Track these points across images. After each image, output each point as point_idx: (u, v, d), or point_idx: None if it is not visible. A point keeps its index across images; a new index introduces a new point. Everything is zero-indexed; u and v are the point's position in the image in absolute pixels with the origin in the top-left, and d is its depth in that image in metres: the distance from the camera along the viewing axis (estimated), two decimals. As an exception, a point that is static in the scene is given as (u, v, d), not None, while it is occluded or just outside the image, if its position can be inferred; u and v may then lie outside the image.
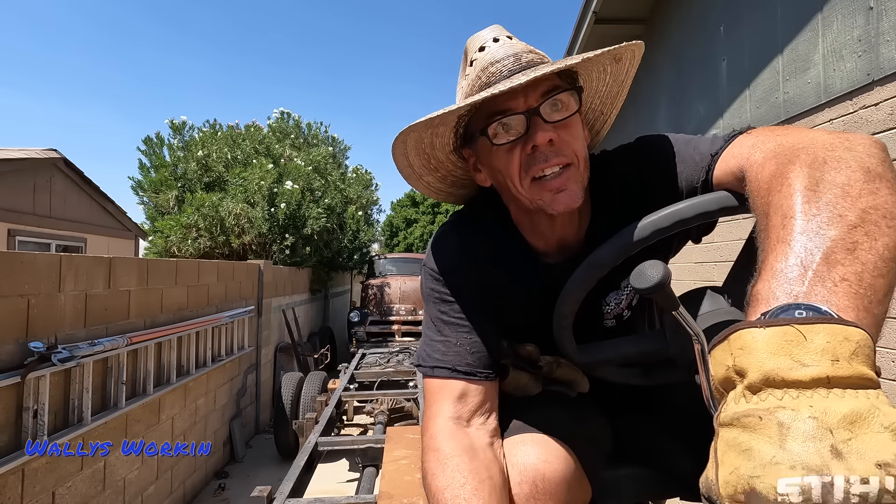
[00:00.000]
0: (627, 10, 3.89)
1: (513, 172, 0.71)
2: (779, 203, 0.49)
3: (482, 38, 0.75)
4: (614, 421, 0.95)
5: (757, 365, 0.35)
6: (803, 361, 0.34)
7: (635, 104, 4.18)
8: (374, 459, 2.62)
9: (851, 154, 0.50)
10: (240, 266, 4.36)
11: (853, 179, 0.47)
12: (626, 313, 0.88)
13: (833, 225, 0.44)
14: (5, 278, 1.79)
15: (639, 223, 0.67)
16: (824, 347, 0.34)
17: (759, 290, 0.43)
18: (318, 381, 4.26)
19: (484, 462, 0.71)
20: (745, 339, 0.37)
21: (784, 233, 0.45)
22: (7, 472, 1.72)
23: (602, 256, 0.69)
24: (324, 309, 8.17)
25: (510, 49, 0.72)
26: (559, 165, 0.69)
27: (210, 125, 7.43)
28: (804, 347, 0.35)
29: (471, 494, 0.66)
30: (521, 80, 0.64)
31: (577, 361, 0.81)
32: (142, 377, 2.63)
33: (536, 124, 0.68)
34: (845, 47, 2.09)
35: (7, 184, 7.25)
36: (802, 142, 0.54)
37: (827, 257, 0.42)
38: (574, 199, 0.71)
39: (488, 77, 0.71)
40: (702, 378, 0.54)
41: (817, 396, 0.33)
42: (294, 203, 6.23)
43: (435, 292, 0.82)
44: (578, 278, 0.71)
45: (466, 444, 0.72)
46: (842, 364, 0.34)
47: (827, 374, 0.33)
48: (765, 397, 0.34)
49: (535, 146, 0.69)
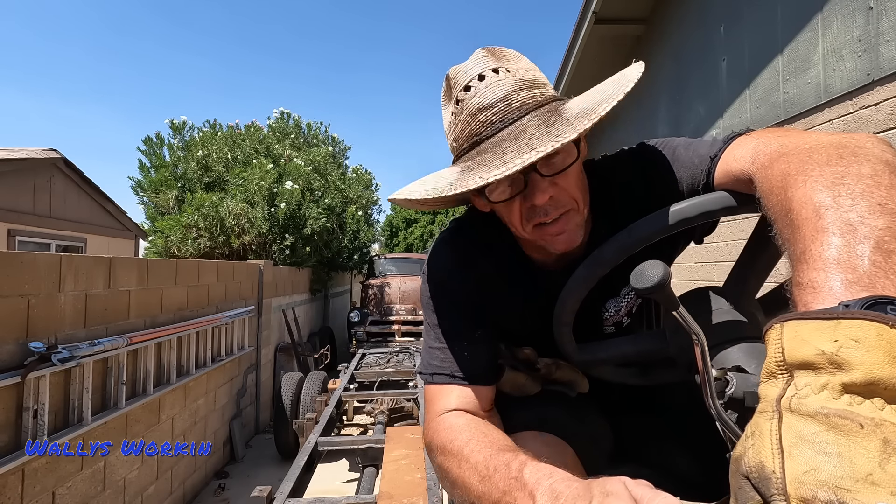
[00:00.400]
0: (627, 9, 3.89)
1: (514, 221, 0.70)
2: (805, 196, 0.46)
3: (467, 73, 0.69)
4: (614, 421, 0.95)
5: (870, 365, 0.31)
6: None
7: (635, 104, 4.18)
8: (374, 459, 2.62)
9: (866, 150, 0.48)
10: (240, 266, 4.36)
11: (879, 171, 0.44)
12: (625, 320, 0.87)
13: (875, 214, 0.41)
14: (5, 278, 1.79)
15: (640, 222, 0.67)
16: None
17: (815, 279, 0.39)
18: (318, 381, 4.26)
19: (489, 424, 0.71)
20: (868, 332, 0.32)
21: (822, 222, 0.42)
22: (7, 472, 1.72)
23: (603, 255, 0.69)
24: (324, 309, 8.17)
25: (499, 90, 0.66)
26: (560, 215, 0.68)
27: (210, 125, 7.44)
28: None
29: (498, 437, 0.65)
30: (516, 165, 0.58)
31: (576, 360, 0.81)
32: (142, 377, 2.63)
33: (534, 182, 0.65)
34: (845, 47, 2.09)
35: (7, 184, 7.25)
36: (808, 142, 0.53)
37: (879, 246, 0.39)
38: (574, 239, 0.70)
39: (479, 127, 0.67)
40: (702, 378, 0.54)
41: None
42: (294, 203, 6.24)
43: (434, 301, 0.81)
44: (580, 276, 0.71)
45: (467, 419, 0.72)
46: None
47: None
48: (860, 402, 0.30)
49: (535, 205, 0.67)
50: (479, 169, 0.62)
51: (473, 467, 0.61)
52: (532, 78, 0.69)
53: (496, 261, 0.81)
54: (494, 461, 0.59)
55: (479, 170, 0.62)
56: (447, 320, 0.80)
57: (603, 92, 0.65)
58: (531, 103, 0.66)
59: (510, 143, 0.62)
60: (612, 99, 0.60)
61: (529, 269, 0.81)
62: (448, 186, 0.64)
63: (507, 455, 0.58)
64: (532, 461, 0.56)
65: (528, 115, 0.65)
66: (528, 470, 0.54)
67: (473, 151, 0.67)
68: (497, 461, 0.58)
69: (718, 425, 0.53)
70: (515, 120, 0.65)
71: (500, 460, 0.58)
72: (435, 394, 0.78)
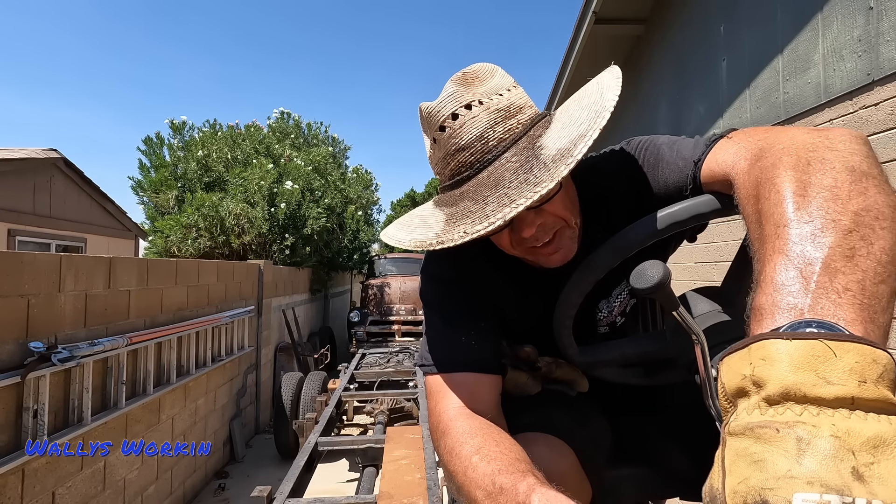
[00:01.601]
0: (627, 9, 3.89)
1: (504, 245, 0.73)
2: (769, 211, 0.48)
3: (440, 113, 0.68)
4: (615, 421, 0.95)
5: (779, 377, 0.34)
6: (829, 379, 0.33)
7: (635, 104, 4.19)
8: (374, 459, 2.62)
9: (835, 154, 0.49)
10: (240, 266, 4.36)
11: (840, 181, 0.46)
12: (619, 320, 0.88)
13: (827, 231, 0.43)
14: (5, 278, 1.79)
15: (633, 226, 0.67)
16: (852, 367, 0.33)
17: (763, 304, 0.42)
18: (318, 381, 4.26)
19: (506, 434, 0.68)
20: (769, 349, 0.36)
21: (779, 242, 0.45)
22: (7, 472, 1.72)
23: (598, 259, 0.70)
24: (324, 309, 8.17)
25: (473, 129, 0.66)
26: (550, 236, 0.70)
27: (210, 125, 7.44)
28: (831, 365, 0.33)
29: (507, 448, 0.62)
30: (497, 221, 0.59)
31: (578, 362, 0.82)
32: (142, 377, 2.63)
33: (520, 216, 0.63)
34: (845, 47, 2.09)
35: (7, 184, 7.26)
36: (783, 142, 0.53)
37: (826, 266, 0.41)
38: (568, 254, 0.72)
39: (458, 167, 0.67)
40: (702, 378, 0.54)
41: (839, 416, 0.32)
42: (294, 203, 6.24)
43: (433, 295, 0.82)
44: (576, 281, 0.72)
45: (479, 422, 0.69)
46: (868, 386, 0.33)
47: (852, 395, 0.32)
48: (782, 411, 0.33)
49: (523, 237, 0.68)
50: (463, 221, 0.63)
51: (480, 480, 0.59)
52: (507, 105, 0.68)
53: (492, 258, 0.81)
54: (501, 479, 0.57)
55: (462, 221, 0.63)
56: (449, 312, 0.79)
57: (578, 124, 0.64)
58: (508, 138, 0.66)
59: (490, 193, 0.63)
60: (587, 137, 0.60)
61: (524, 268, 0.81)
62: (435, 239, 0.64)
63: (515, 476, 0.56)
64: (540, 487, 0.54)
65: (507, 152, 0.65)
66: (536, 499, 0.52)
67: (456, 191, 0.68)
68: (504, 480, 0.56)
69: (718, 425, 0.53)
70: (493, 160, 0.65)
71: (507, 480, 0.56)
72: (439, 386, 0.76)
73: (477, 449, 0.62)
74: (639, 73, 4.13)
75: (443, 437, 0.70)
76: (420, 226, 0.71)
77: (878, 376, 0.33)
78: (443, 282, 0.81)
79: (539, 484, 0.54)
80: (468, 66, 0.74)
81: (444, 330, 0.78)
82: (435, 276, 0.82)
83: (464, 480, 0.62)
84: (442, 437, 0.70)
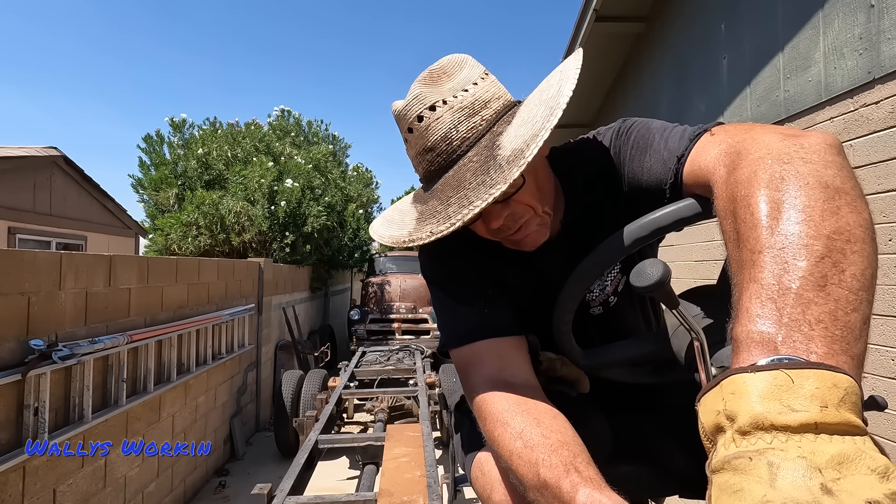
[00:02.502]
0: (628, 7, 3.88)
1: (481, 234, 0.77)
2: (745, 235, 0.49)
3: (406, 116, 0.72)
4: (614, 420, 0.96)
5: (747, 409, 0.36)
6: (793, 406, 0.35)
7: (636, 102, 4.18)
8: (374, 457, 2.62)
9: (808, 167, 0.49)
10: (240, 264, 4.36)
11: (813, 199, 0.47)
12: (612, 299, 0.89)
13: (800, 257, 0.44)
14: (6, 276, 1.79)
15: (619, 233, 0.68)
16: (813, 393, 0.35)
17: (738, 335, 0.44)
18: (318, 378, 4.26)
19: (544, 404, 0.67)
20: (737, 384, 0.38)
21: (755, 271, 0.46)
22: (8, 470, 1.72)
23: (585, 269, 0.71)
24: (324, 307, 8.17)
25: (437, 130, 0.70)
26: (519, 225, 0.73)
27: (210, 123, 7.43)
28: (794, 393, 0.35)
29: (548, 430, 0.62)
30: (457, 223, 0.65)
31: (581, 365, 0.82)
32: (142, 375, 2.63)
33: (488, 211, 0.70)
34: (846, 45, 2.08)
35: (7, 182, 7.25)
36: (759, 150, 0.53)
37: (799, 297, 0.42)
38: (539, 238, 0.75)
39: (427, 166, 0.73)
40: (702, 376, 0.54)
41: (805, 440, 0.34)
42: (294, 201, 6.23)
43: (436, 274, 0.84)
44: (569, 290, 0.73)
45: (521, 396, 0.68)
46: (830, 410, 0.34)
47: (815, 420, 0.34)
48: (754, 441, 0.35)
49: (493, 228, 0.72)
50: (430, 221, 0.69)
51: (524, 471, 0.59)
52: (471, 102, 0.70)
53: (481, 242, 0.82)
54: (545, 473, 0.57)
55: (429, 221, 0.69)
56: (453, 288, 0.81)
57: (533, 122, 0.66)
58: (471, 137, 0.70)
59: (453, 194, 0.68)
60: (538, 137, 0.63)
61: (516, 253, 0.83)
62: (407, 236, 0.72)
63: (558, 470, 0.56)
64: (584, 487, 0.54)
65: (470, 151, 0.69)
66: (581, 497, 0.53)
67: (428, 187, 0.74)
68: (547, 474, 0.57)
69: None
70: (458, 159, 0.70)
71: (550, 474, 0.56)
72: (465, 360, 0.75)
73: (519, 433, 0.62)
74: (639, 70, 4.12)
75: (482, 421, 0.69)
76: (398, 221, 0.77)
77: (839, 400, 0.35)
78: (442, 258, 0.83)
79: (582, 482, 0.55)
80: (436, 62, 0.75)
81: (453, 306, 0.80)
82: (433, 253, 0.84)
83: (512, 468, 0.62)
84: (482, 422, 0.69)
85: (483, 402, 0.69)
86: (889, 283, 1.87)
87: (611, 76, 4.58)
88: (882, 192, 1.90)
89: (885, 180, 1.88)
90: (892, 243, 1.86)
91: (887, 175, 1.88)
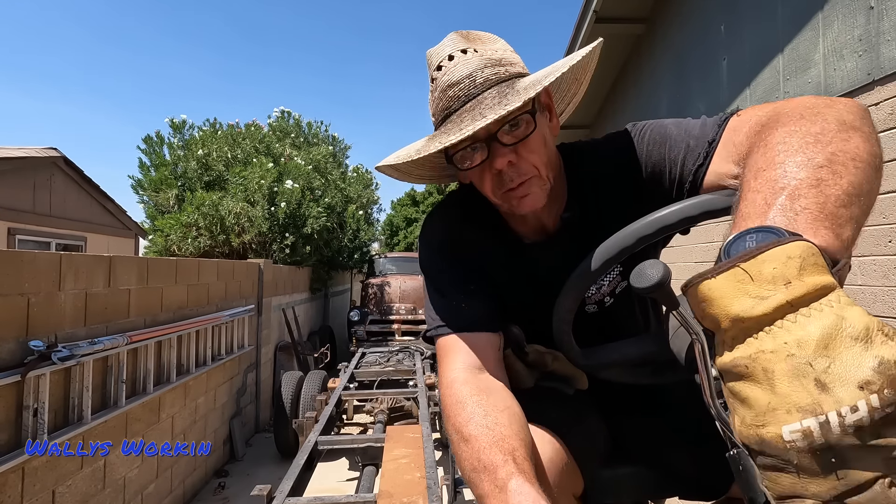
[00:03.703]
0: (628, 8, 3.88)
1: (486, 190, 0.78)
2: (754, 161, 0.51)
3: (438, 55, 0.77)
4: (613, 420, 0.95)
5: (724, 313, 0.37)
6: (761, 295, 0.36)
7: (636, 102, 4.18)
8: (373, 458, 2.62)
9: (830, 110, 0.51)
10: (240, 265, 4.36)
11: (826, 129, 0.48)
12: (607, 300, 0.89)
13: (801, 168, 0.45)
14: (5, 277, 1.79)
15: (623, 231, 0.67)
16: (773, 275, 0.36)
17: (731, 226, 0.46)
18: (317, 380, 4.26)
19: (501, 396, 0.71)
20: (703, 291, 0.39)
21: (755, 183, 0.47)
22: (7, 471, 1.72)
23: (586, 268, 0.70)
24: (324, 308, 8.16)
25: (465, 68, 0.73)
26: (523, 181, 0.74)
27: (210, 124, 7.43)
28: (756, 282, 0.36)
29: (493, 422, 0.66)
30: (468, 130, 0.66)
31: (581, 365, 0.81)
32: (142, 376, 2.63)
33: (496, 150, 0.72)
34: (846, 47, 2.09)
35: (7, 182, 7.26)
36: (787, 107, 0.56)
37: (791, 194, 0.44)
38: (537, 201, 0.76)
39: (448, 102, 0.74)
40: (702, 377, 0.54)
41: (787, 328, 0.35)
42: (294, 202, 6.23)
43: (431, 265, 0.87)
44: (570, 288, 0.73)
45: (482, 386, 0.73)
46: (795, 284, 0.35)
47: (786, 300, 0.35)
48: (743, 346, 0.37)
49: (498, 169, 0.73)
50: (440, 138, 0.71)
51: (467, 454, 0.64)
52: (499, 57, 0.75)
53: (482, 229, 0.87)
54: (485, 457, 0.61)
55: (440, 137, 0.71)
56: (441, 277, 0.85)
57: (554, 66, 0.71)
58: (493, 79, 0.72)
59: (468, 114, 0.70)
60: (557, 71, 0.67)
61: (511, 239, 0.87)
62: (415, 152, 0.72)
63: (498, 456, 0.60)
64: (517, 476, 0.57)
65: (490, 89, 0.72)
66: (513, 484, 0.56)
67: (443, 124, 0.75)
68: (488, 458, 0.61)
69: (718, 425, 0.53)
70: (478, 94, 0.72)
71: (490, 459, 0.60)
72: (444, 348, 0.80)
73: (470, 418, 0.67)
74: (639, 72, 4.12)
75: (444, 401, 0.75)
76: (405, 149, 0.79)
77: (798, 270, 0.36)
78: (435, 246, 0.87)
79: (517, 472, 0.58)
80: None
81: (436, 298, 0.84)
82: (429, 242, 0.88)
83: (456, 450, 0.67)
84: (443, 403, 0.75)
85: (448, 386, 0.74)
86: (889, 283, 1.87)
87: (611, 77, 4.58)
88: (882, 193, 1.90)
89: (884, 182, 1.88)
90: (893, 244, 1.86)
91: (887, 177, 1.88)
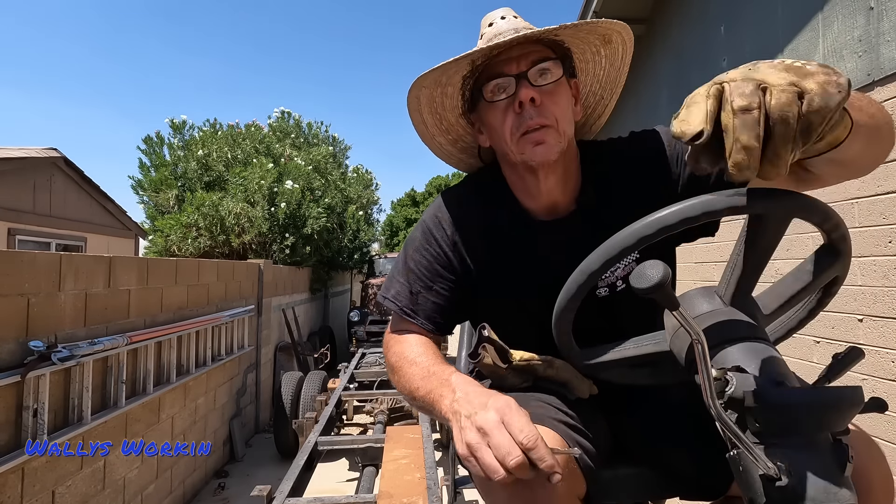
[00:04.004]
0: (628, 9, 3.89)
1: (505, 130, 0.84)
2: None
3: (492, 16, 0.90)
4: (613, 420, 0.95)
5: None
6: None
7: (636, 102, 4.19)
8: (373, 459, 2.62)
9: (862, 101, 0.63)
10: (240, 265, 4.36)
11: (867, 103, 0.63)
12: (619, 283, 0.90)
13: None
14: (5, 277, 1.79)
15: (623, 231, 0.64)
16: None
17: None
18: (317, 380, 4.26)
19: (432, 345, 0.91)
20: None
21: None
22: (7, 471, 1.72)
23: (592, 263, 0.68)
24: (324, 308, 8.17)
25: (512, 24, 0.86)
26: (541, 125, 0.82)
27: (210, 124, 7.44)
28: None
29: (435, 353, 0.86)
30: (508, 37, 0.79)
31: (580, 366, 0.81)
32: (142, 376, 2.63)
33: (523, 86, 0.82)
34: (846, 47, 2.09)
35: (7, 183, 7.26)
36: None
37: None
38: (550, 151, 0.82)
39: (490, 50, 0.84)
40: (702, 377, 0.54)
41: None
42: (294, 202, 6.24)
43: (416, 241, 0.94)
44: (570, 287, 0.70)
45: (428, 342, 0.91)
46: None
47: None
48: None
49: (521, 103, 0.81)
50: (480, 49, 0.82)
51: (420, 369, 0.83)
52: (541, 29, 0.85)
53: (495, 209, 0.92)
54: (435, 367, 0.81)
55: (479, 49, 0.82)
56: (414, 261, 0.93)
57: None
58: (533, 34, 0.83)
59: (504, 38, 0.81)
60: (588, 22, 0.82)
61: (522, 215, 0.91)
62: (454, 58, 0.82)
63: (445, 366, 0.81)
64: (459, 373, 0.77)
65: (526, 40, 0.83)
66: (455, 377, 0.76)
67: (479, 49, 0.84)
68: (436, 368, 0.81)
69: (718, 425, 0.53)
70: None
71: (438, 367, 0.81)
72: (393, 315, 0.95)
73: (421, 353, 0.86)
74: (639, 72, 4.12)
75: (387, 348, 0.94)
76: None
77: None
78: (427, 230, 0.93)
79: (456, 372, 0.78)
80: None
81: (404, 275, 0.94)
82: (425, 223, 0.94)
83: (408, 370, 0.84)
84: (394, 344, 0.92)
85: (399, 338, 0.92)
86: (889, 283, 1.87)
87: (610, 78, 4.58)
88: (882, 193, 1.90)
89: (884, 182, 1.89)
90: (893, 245, 1.86)
91: (887, 177, 1.88)
